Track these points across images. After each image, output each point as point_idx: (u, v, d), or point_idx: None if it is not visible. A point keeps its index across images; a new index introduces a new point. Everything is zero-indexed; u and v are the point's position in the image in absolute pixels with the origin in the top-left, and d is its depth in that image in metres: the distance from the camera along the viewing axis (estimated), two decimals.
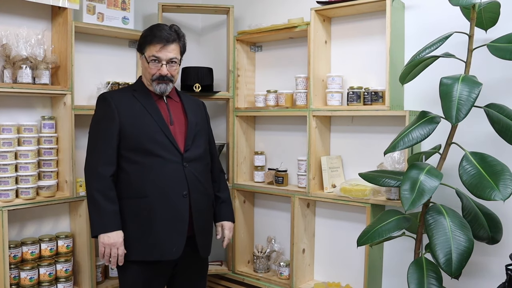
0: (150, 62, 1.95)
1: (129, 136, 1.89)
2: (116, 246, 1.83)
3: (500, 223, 1.92)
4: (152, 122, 1.92)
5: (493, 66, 2.06)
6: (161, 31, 1.93)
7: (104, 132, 1.89)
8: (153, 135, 1.90)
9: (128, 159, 1.90)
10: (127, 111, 1.92)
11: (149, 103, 1.96)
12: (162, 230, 1.88)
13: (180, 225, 1.91)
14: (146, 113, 1.93)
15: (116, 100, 1.93)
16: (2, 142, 2.29)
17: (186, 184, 1.93)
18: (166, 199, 1.89)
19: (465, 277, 2.11)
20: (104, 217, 1.82)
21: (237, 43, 2.90)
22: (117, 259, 1.85)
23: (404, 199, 1.72)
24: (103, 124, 1.91)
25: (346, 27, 2.60)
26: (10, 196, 2.29)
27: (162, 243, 1.88)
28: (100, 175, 1.85)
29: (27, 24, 2.46)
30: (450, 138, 1.89)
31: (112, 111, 1.90)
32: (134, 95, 1.97)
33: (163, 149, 1.90)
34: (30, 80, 2.34)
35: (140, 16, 3.04)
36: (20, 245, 2.41)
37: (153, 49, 1.93)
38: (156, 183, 1.88)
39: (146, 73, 1.98)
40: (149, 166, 1.89)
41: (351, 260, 2.60)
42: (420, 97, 2.33)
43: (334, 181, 2.56)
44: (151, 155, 1.89)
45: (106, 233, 1.82)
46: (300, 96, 2.63)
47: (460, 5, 1.82)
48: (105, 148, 1.88)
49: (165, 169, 1.90)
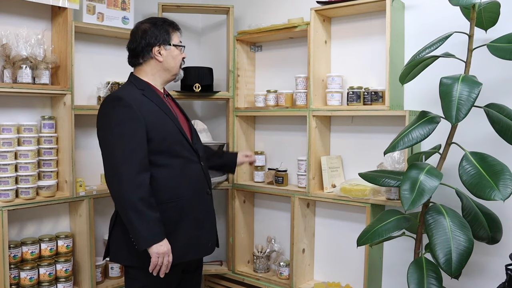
0: (181, 48, 1.96)
1: (156, 139, 1.80)
2: (168, 254, 1.76)
3: (500, 223, 1.92)
4: (171, 123, 1.87)
5: (493, 66, 2.06)
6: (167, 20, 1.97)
7: (133, 135, 1.75)
8: (175, 136, 1.87)
9: (155, 163, 1.81)
10: (147, 112, 1.81)
11: (161, 103, 1.89)
12: (196, 229, 1.89)
13: (210, 221, 1.98)
14: (163, 114, 1.86)
15: (133, 100, 1.80)
16: (2, 142, 2.29)
17: (206, 182, 1.97)
18: (196, 199, 1.90)
19: (465, 277, 2.11)
20: (153, 227, 1.72)
21: (237, 43, 2.90)
22: None
23: (404, 199, 1.72)
24: (128, 126, 1.75)
25: (346, 27, 2.60)
26: (10, 196, 2.29)
27: (198, 241, 1.91)
28: (140, 183, 1.71)
29: (27, 24, 2.46)
30: (450, 138, 1.89)
31: (135, 112, 1.77)
32: (145, 95, 1.87)
33: (185, 149, 1.89)
34: (30, 80, 2.34)
35: (140, 16, 3.04)
36: (20, 245, 2.41)
37: (177, 37, 1.96)
38: (185, 184, 1.87)
39: (175, 62, 1.95)
40: (177, 168, 1.85)
41: (351, 260, 2.60)
42: (420, 97, 2.33)
43: (334, 181, 2.56)
44: (177, 156, 1.86)
45: (159, 243, 1.73)
46: (300, 96, 2.63)
47: (460, 5, 1.82)
48: (139, 153, 1.75)
49: (189, 169, 1.90)
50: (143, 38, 1.90)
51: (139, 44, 1.91)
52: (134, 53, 1.93)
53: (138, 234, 1.71)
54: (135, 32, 1.94)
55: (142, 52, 1.91)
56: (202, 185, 1.95)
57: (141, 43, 1.90)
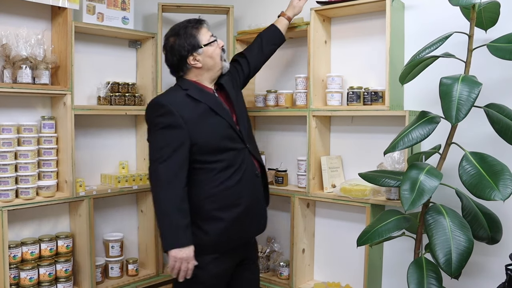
0: (213, 42, 1.95)
1: (200, 142, 1.82)
2: (187, 260, 1.77)
3: (500, 223, 1.92)
4: (218, 119, 1.88)
5: (493, 66, 2.06)
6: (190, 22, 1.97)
7: (173, 142, 1.78)
8: (222, 132, 1.88)
9: (204, 161, 1.85)
10: (190, 114, 1.82)
11: (208, 99, 1.90)
12: (250, 211, 1.93)
13: (260, 202, 2.02)
14: (209, 111, 1.87)
15: (175, 105, 1.82)
16: (2, 142, 2.29)
17: (253, 165, 1.99)
18: (247, 184, 1.92)
19: (465, 277, 2.11)
20: (177, 232, 1.76)
21: (237, 43, 2.90)
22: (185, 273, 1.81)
23: (404, 199, 1.72)
24: (169, 134, 1.79)
25: (346, 27, 2.60)
26: (10, 196, 2.29)
27: (251, 223, 1.97)
28: (173, 186, 1.76)
29: (27, 24, 2.46)
30: (450, 138, 1.89)
31: (176, 118, 1.79)
32: (189, 94, 1.87)
33: (233, 142, 1.91)
34: (30, 80, 2.34)
35: (140, 16, 3.04)
36: (20, 245, 2.41)
37: (205, 32, 1.95)
38: (238, 173, 1.89)
39: (214, 59, 1.95)
40: (227, 160, 1.88)
41: (351, 260, 2.60)
42: (420, 97, 2.32)
43: (334, 181, 2.56)
44: (225, 151, 1.88)
45: (179, 248, 1.76)
46: (300, 96, 2.63)
47: (460, 5, 1.82)
48: (177, 159, 1.78)
49: (239, 158, 1.92)
50: (173, 55, 1.93)
51: (173, 61, 1.94)
52: (173, 69, 1.98)
53: (163, 236, 1.79)
54: (165, 49, 1.98)
55: (179, 66, 1.94)
56: (251, 169, 1.97)
57: (174, 59, 1.93)
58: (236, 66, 2.25)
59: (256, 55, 2.33)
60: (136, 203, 3.05)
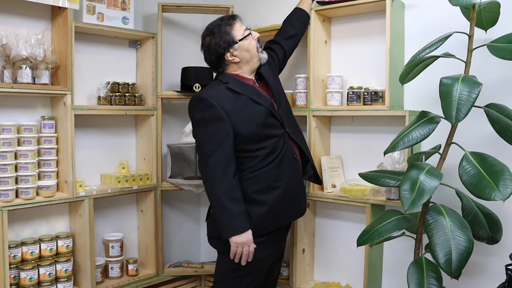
0: (248, 36, 1.99)
1: (243, 132, 1.89)
2: (248, 244, 1.88)
3: (500, 223, 1.92)
4: (259, 109, 1.94)
5: (493, 66, 2.06)
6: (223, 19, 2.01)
7: (218, 134, 1.87)
8: (264, 121, 1.94)
9: (248, 149, 1.92)
10: (231, 106, 1.90)
11: (249, 90, 1.96)
12: (291, 194, 2.00)
13: (301, 186, 2.10)
14: (249, 102, 1.94)
15: (216, 98, 1.89)
16: (2, 142, 2.29)
17: (292, 148, 2.05)
18: (287, 168, 1.99)
19: (465, 277, 2.11)
20: (234, 220, 1.86)
21: None
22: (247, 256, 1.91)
23: (404, 199, 1.72)
24: (213, 126, 1.87)
25: (346, 27, 2.60)
26: (10, 196, 2.29)
27: (291, 206, 2.03)
28: (224, 177, 1.86)
29: (27, 24, 2.46)
30: (450, 138, 1.89)
31: (218, 111, 1.87)
32: (229, 87, 1.94)
33: (275, 129, 1.98)
34: (30, 80, 2.34)
35: (140, 16, 3.04)
36: (20, 245, 2.41)
37: (238, 27, 1.99)
38: (278, 157, 1.96)
39: (251, 53, 1.99)
40: (268, 148, 1.94)
41: (351, 260, 2.60)
42: (420, 97, 2.32)
43: (334, 181, 2.56)
44: (267, 138, 1.95)
45: (239, 234, 1.86)
46: (300, 96, 2.63)
47: (460, 5, 1.82)
48: (224, 150, 1.87)
49: (279, 144, 1.98)
50: (211, 54, 2.00)
51: (211, 59, 2.01)
52: (213, 67, 2.06)
53: (221, 225, 1.89)
54: (203, 48, 2.04)
55: (218, 64, 2.01)
56: (290, 153, 2.03)
57: (212, 58, 2.00)
58: (271, 52, 2.28)
59: (288, 39, 2.37)
60: (136, 203, 3.05)
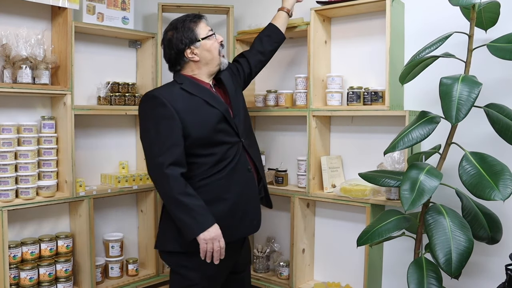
0: (211, 36, 1.93)
1: (193, 134, 1.81)
2: (217, 239, 1.77)
3: (500, 223, 1.92)
4: (213, 113, 1.86)
5: (493, 66, 2.06)
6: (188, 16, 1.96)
7: (168, 134, 1.78)
8: (216, 126, 1.85)
9: (197, 154, 1.83)
10: (183, 107, 1.82)
11: (204, 93, 1.88)
12: (240, 207, 1.89)
13: (253, 199, 1.97)
14: (204, 105, 1.86)
15: (169, 97, 1.81)
16: (2, 142, 2.29)
17: (247, 160, 1.95)
18: (238, 178, 1.89)
19: (465, 277, 2.11)
20: (197, 216, 1.75)
21: (237, 43, 2.90)
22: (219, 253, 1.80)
23: (404, 199, 1.72)
24: (163, 125, 1.78)
25: (346, 27, 2.60)
26: (10, 196, 2.29)
27: (242, 220, 1.90)
28: (173, 176, 1.75)
29: (27, 24, 2.46)
30: (450, 138, 1.89)
31: (169, 110, 1.78)
32: (183, 88, 1.87)
33: (227, 135, 1.89)
34: (30, 80, 2.34)
35: (140, 16, 3.04)
36: (20, 245, 2.41)
37: (203, 26, 1.93)
38: (228, 167, 1.87)
39: (212, 53, 1.93)
40: (219, 154, 1.85)
41: (351, 260, 2.60)
42: (420, 97, 2.32)
43: (334, 181, 2.56)
44: (218, 144, 1.86)
45: (206, 230, 1.74)
46: (300, 96, 2.63)
47: (460, 5, 1.82)
48: (174, 149, 1.76)
49: (231, 151, 1.89)
50: (171, 48, 1.92)
51: (171, 54, 1.93)
52: (171, 64, 1.96)
53: (184, 225, 1.75)
54: (163, 43, 1.96)
55: (176, 60, 1.93)
56: (243, 163, 1.93)
57: (171, 53, 1.92)
58: (237, 65, 2.24)
59: (255, 54, 2.31)
60: (136, 203, 3.05)
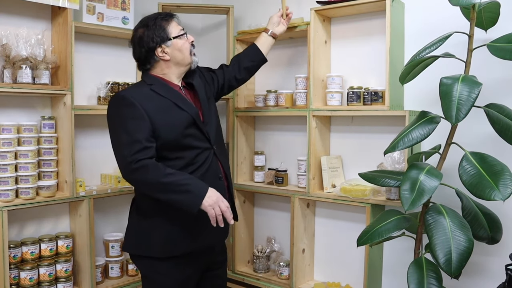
0: (183, 36, 1.90)
1: (163, 136, 1.76)
2: (220, 199, 1.73)
3: (500, 223, 1.92)
4: (183, 115, 1.81)
5: (493, 66, 2.06)
6: (160, 14, 1.93)
7: (137, 131, 1.72)
8: (186, 130, 1.81)
9: (166, 157, 1.78)
10: (153, 108, 1.76)
11: (173, 95, 1.84)
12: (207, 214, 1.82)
13: None
14: (173, 107, 1.81)
15: (138, 97, 1.76)
16: (2, 142, 2.29)
17: (219, 167, 1.92)
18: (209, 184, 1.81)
19: (465, 277, 2.11)
20: (189, 188, 1.69)
21: (237, 43, 2.90)
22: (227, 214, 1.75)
23: (404, 199, 1.72)
24: (131, 124, 1.73)
25: (346, 27, 2.60)
26: (10, 196, 2.29)
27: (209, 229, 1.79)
28: (153, 165, 1.69)
29: (27, 24, 2.46)
30: (450, 138, 1.89)
31: (138, 110, 1.73)
32: (153, 89, 1.82)
33: (196, 140, 1.84)
34: (30, 80, 2.34)
35: (140, 16, 3.00)
36: (20, 245, 2.41)
37: (175, 25, 1.90)
38: (197, 173, 1.82)
39: (183, 53, 1.89)
40: (188, 158, 1.81)
41: (351, 260, 2.60)
42: (420, 97, 2.33)
43: (334, 181, 2.56)
44: (188, 148, 1.82)
45: (205, 197, 1.70)
46: (300, 96, 2.63)
47: (460, 5, 1.82)
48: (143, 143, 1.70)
49: (201, 157, 1.85)
50: (141, 46, 1.86)
51: (141, 52, 1.87)
52: (140, 62, 1.91)
53: (183, 203, 1.70)
54: (133, 40, 1.91)
55: (146, 59, 1.88)
56: (215, 171, 1.90)
57: (142, 51, 1.87)
58: (212, 75, 2.20)
59: (232, 69, 2.26)
60: None
